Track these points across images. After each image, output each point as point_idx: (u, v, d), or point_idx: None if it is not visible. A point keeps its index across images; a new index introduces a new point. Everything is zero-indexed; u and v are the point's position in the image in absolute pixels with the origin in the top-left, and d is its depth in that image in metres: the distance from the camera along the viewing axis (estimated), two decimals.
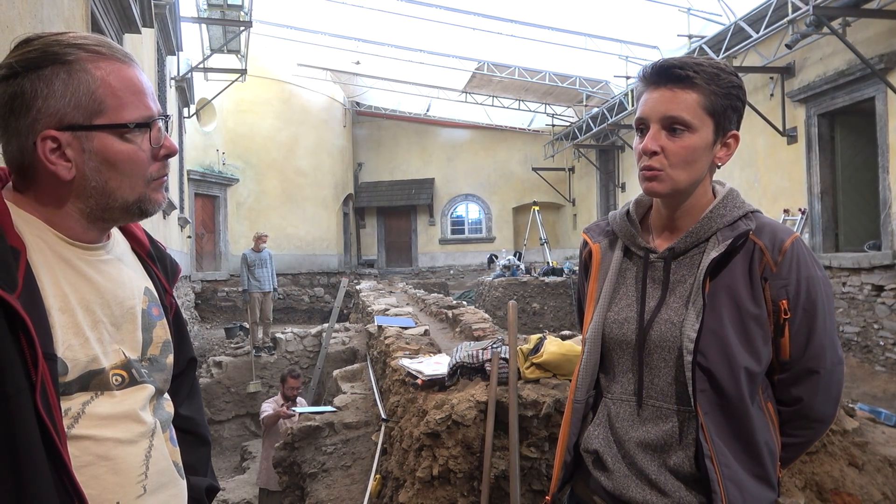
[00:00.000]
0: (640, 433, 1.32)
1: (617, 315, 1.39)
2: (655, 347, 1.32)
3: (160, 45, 9.31)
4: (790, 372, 1.31)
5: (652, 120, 1.29)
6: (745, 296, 1.26)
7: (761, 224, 1.31)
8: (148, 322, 1.09)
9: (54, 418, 0.87)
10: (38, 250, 0.94)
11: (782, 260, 1.26)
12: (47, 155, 0.94)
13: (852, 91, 8.19)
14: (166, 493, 1.04)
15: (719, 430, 1.25)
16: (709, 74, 1.25)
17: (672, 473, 1.29)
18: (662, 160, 1.28)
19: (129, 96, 0.98)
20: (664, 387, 1.31)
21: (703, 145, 1.27)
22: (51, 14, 3.56)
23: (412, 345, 4.53)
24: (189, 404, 1.27)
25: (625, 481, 1.32)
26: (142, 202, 1.03)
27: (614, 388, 1.39)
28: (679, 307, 1.31)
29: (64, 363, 0.92)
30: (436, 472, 2.79)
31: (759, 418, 1.28)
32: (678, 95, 1.26)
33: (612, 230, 1.48)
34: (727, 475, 1.23)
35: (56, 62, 0.94)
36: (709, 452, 1.22)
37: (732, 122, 1.30)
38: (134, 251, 1.17)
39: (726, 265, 1.28)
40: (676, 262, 1.35)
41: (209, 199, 16.00)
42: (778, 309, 1.26)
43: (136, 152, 1.00)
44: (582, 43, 12.89)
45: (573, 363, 2.94)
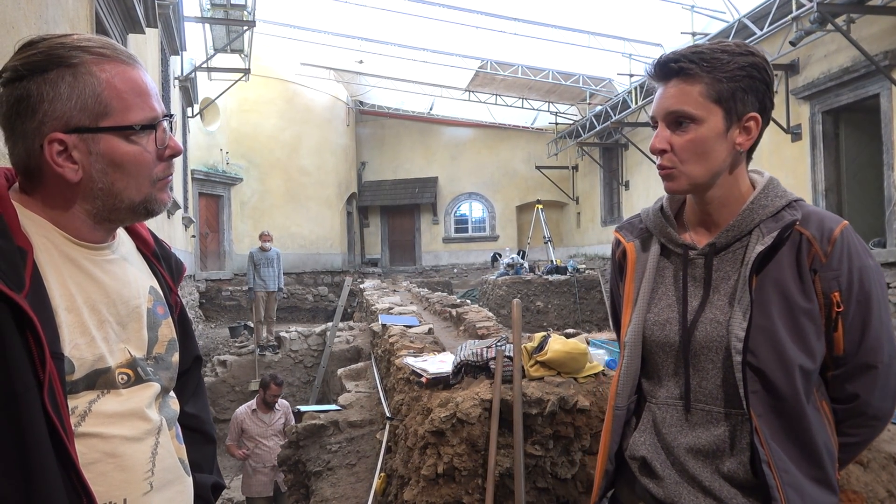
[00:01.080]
0: (690, 439, 1.27)
1: (657, 316, 1.34)
2: (702, 349, 1.27)
3: (164, 45, 9.33)
4: (845, 368, 1.25)
5: (658, 117, 1.27)
6: (794, 290, 1.20)
7: (807, 213, 1.24)
8: (153, 321, 1.10)
9: (62, 416, 0.87)
10: (44, 250, 0.95)
11: (832, 250, 1.19)
12: (54, 157, 0.95)
13: (857, 88, 8.16)
14: (172, 489, 1.05)
15: (774, 432, 1.20)
16: (711, 62, 1.21)
17: (726, 480, 1.23)
18: (672, 157, 1.25)
19: (133, 98, 0.99)
20: (713, 389, 1.26)
21: (712, 135, 1.22)
22: (55, 14, 3.58)
23: (416, 343, 4.53)
24: (195, 402, 1.28)
25: (677, 489, 1.28)
26: (148, 202, 1.04)
27: (659, 392, 1.34)
28: (724, 305, 1.25)
29: (71, 362, 0.93)
30: (440, 470, 2.79)
31: (816, 418, 1.22)
32: (681, 89, 1.23)
33: (646, 227, 1.42)
34: (786, 481, 1.17)
35: (61, 65, 0.94)
36: (765, 457, 1.17)
37: (748, 103, 1.22)
38: (139, 250, 1.17)
39: (772, 258, 1.22)
40: (718, 258, 1.29)
41: (213, 199, 16.04)
42: (830, 302, 1.20)
43: (141, 153, 1.00)
44: (585, 41, 12.87)
45: (578, 361, 2.94)
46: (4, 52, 2.74)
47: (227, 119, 16.30)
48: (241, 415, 6.44)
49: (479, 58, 14.92)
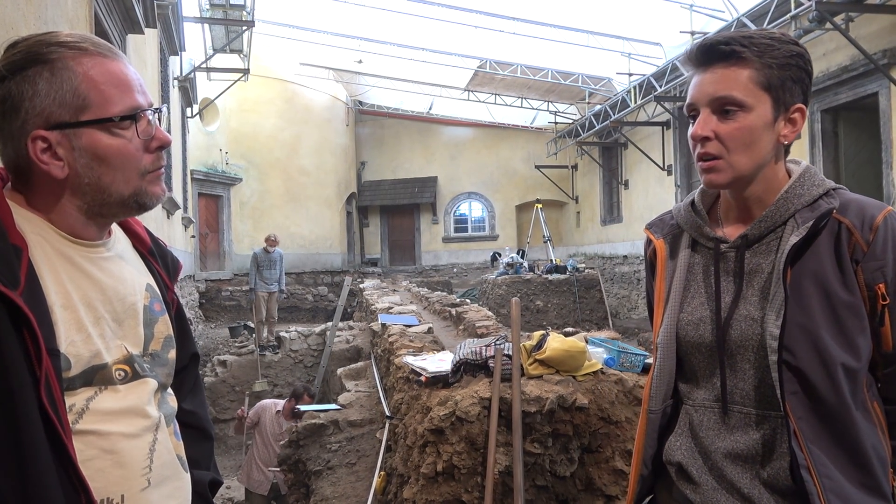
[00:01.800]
0: (728, 443, 1.21)
1: (691, 315, 1.28)
2: (737, 347, 1.20)
3: (163, 46, 9.33)
4: (895, 365, 1.17)
5: (701, 104, 1.19)
6: (834, 282, 1.13)
7: (846, 200, 1.17)
8: (150, 318, 1.10)
9: (59, 412, 0.87)
10: (39, 248, 0.95)
11: (874, 238, 1.12)
12: (39, 155, 0.95)
13: (856, 87, 8.17)
14: (170, 485, 1.05)
15: (816, 436, 1.13)
16: (761, 46, 1.14)
17: (766, 487, 1.17)
18: (718, 146, 1.16)
19: (112, 90, 0.98)
20: (749, 391, 1.19)
21: (761, 124, 1.15)
22: (55, 15, 3.58)
23: (416, 342, 4.54)
24: (192, 399, 1.28)
25: (714, 495, 1.22)
26: (138, 195, 1.03)
27: (696, 394, 1.29)
28: (758, 301, 1.19)
29: (67, 358, 0.93)
30: (440, 469, 2.80)
31: (864, 420, 1.14)
32: (728, 73, 1.15)
33: (677, 223, 1.36)
34: (829, 487, 1.10)
35: (38, 62, 0.94)
36: (805, 462, 1.10)
37: (795, 94, 1.17)
38: (135, 248, 1.17)
39: (809, 250, 1.15)
40: (751, 251, 1.22)
41: (213, 199, 16.04)
42: (874, 294, 1.12)
43: (125, 146, 0.99)
44: (584, 40, 12.88)
45: (576, 359, 2.95)
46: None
47: (226, 119, 16.31)
48: (267, 408, 6.50)
49: (478, 57, 14.93)
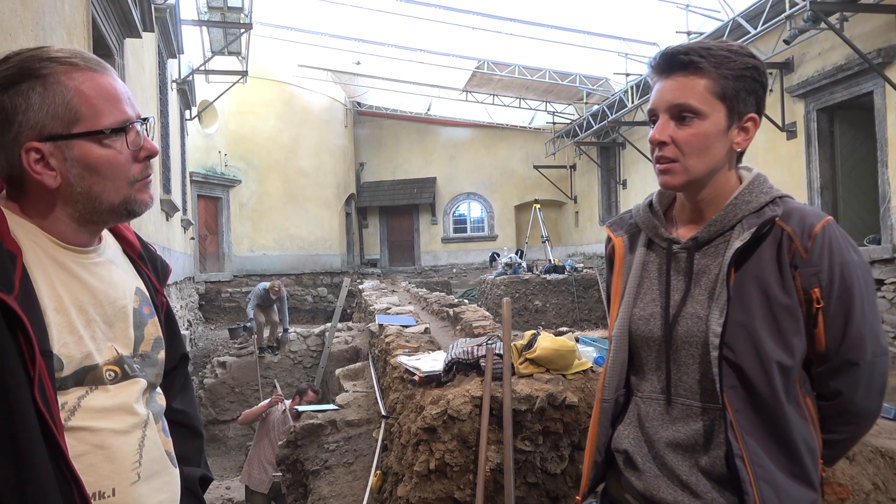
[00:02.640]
0: (670, 433, 1.28)
1: (642, 311, 1.35)
2: (682, 343, 1.27)
3: (161, 49, 9.37)
4: (828, 364, 1.24)
5: (660, 109, 1.25)
6: (774, 285, 1.20)
7: (789, 209, 1.24)
8: (139, 320, 1.14)
9: (52, 410, 0.92)
10: (33, 254, 0.99)
11: (812, 245, 1.19)
12: (32, 165, 0.99)
13: (851, 86, 8.20)
14: (159, 480, 1.09)
15: (751, 428, 1.20)
16: (718, 58, 1.21)
17: (704, 474, 1.24)
18: (675, 150, 1.23)
19: (102, 103, 1.02)
20: (692, 384, 1.26)
21: (715, 131, 1.22)
22: (52, 21, 3.62)
23: (412, 343, 4.58)
24: (182, 398, 1.32)
25: (656, 482, 1.29)
26: (127, 203, 1.07)
27: (644, 386, 1.35)
28: (704, 300, 1.25)
29: (60, 359, 0.97)
30: (433, 466, 2.84)
31: (796, 414, 1.22)
32: (686, 82, 1.22)
33: (635, 223, 1.43)
34: (760, 475, 1.17)
35: (31, 77, 0.98)
36: (739, 452, 1.18)
37: (749, 104, 1.23)
38: (125, 253, 1.21)
39: (753, 254, 1.22)
40: (700, 253, 1.29)
41: (212, 201, 16.09)
42: (810, 298, 1.19)
43: (115, 156, 1.04)
44: (581, 41, 12.91)
45: (566, 358, 2.99)
46: None
47: (225, 121, 16.36)
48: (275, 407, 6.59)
49: (475, 58, 14.96)
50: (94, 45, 4.84)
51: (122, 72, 5.94)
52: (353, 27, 14.09)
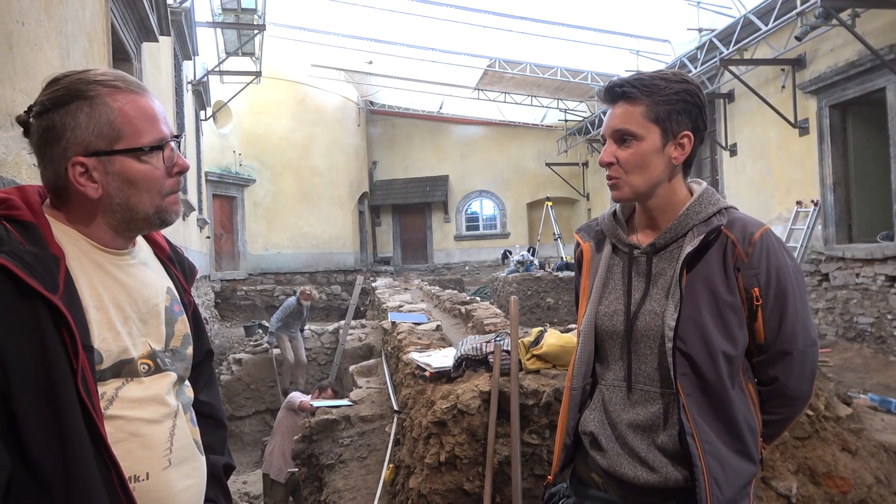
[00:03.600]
0: (631, 415, 1.45)
1: (607, 308, 1.51)
2: (641, 336, 1.44)
3: (177, 51, 9.53)
4: (766, 354, 1.42)
5: (606, 135, 1.45)
6: (720, 285, 1.37)
7: (733, 219, 1.42)
8: (170, 317, 1.24)
9: (93, 400, 1.01)
10: (74, 257, 1.09)
11: (752, 251, 1.37)
12: (77, 178, 1.09)
13: (863, 82, 8.18)
14: (188, 466, 1.19)
15: (700, 409, 1.36)
16: (650, 87, 1.39)
17: (660, 451, 1.40)
18: (618, 169, 1.42)
19: (143, 123, 1.13)
20: (650, 372, 1.43)
21: (651, 150, 1.40)
22: (74, 29, 3.75)
23: (424, 340, 4.67)
24: (207, 391, 1.42)
25: (618, 459, 1.44)
26: (160, 213, 1.18)
27: (607, 375, 1.51)
28: (661, 298, 1.42)
29: (99, 353, 1.07)
30: (443, 459, 2.93)
31: (739, 398, 1.39)
32: (625, 110, 1.41)
33: (601, 230, 1.60)
34: (708, 451, 1.33)
35: (80, 98, 1.09)
36: (690, 430, 1.34)
37: (682, 123, 1.41)
38: (156, 255, 1.32)
39: (702, 258, 1.39)
40: (658, 257, 1.46)
41: (227, 200, 16.28)
42: (751, 296, 1.37)
43: (152, 171, 1.14)
44: (593, 38, 12.93)
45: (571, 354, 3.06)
46: (30, 67, 2.90)
47: (239, 121, 16.53)
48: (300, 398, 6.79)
49: (487, 57, 15.01)
50: (113, 50, 4.96)
51: (139, 75, 6.08)
52: (366, 27, 14.19)
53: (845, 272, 8.56)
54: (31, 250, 1.01)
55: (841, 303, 8.58)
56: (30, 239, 1.03)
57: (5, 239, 1.00)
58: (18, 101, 2.75)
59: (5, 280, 0.96)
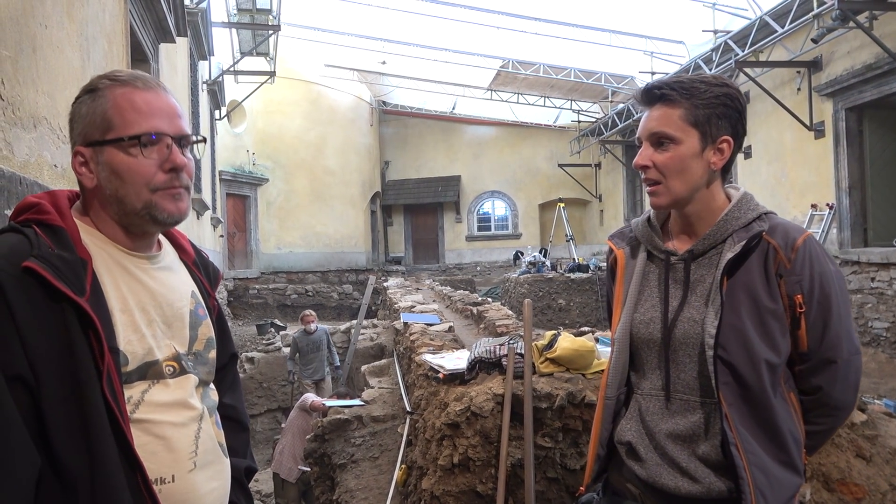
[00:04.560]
0: (670, 425, 1.41)
1: (643, 316, 1.48)
2: (680, 344, 1.40)
3: (192, 52, 9.60)
4: (809, 362, 1.38)
5: (643, 138, 1.42)
6: (761, 292, 1.34)
7: (774, 224, 1.38)
8: (194, 321, 1.26)
9: (119, 401, 1.03)
10: (101, 260, 1.12)
11: (795, 257, 1.33)
12: (77, 167, 1.14)
13: (881, 84, 8.11)
14: (213, 468, 1.21)
15: (743, 419, 1.33)
16: (690, 90, 1.36)
17: (701, 461, 1.37)
18: (656, 173, 1.39)
19: (132, 115, 1.14)
20: (690, 381, 1.40)
21: (690, 154, 1.37)
22: (94, 31, 3.80)
23: (436, 341, 4.68)
24: (231, 394, 1.44)
25: (658, 469, 1.41)
26: (149, 209, 1.15)
27: (644, 384, 1.48)
28: (700, 305, 1.39)
29: (125, 355, 1.09)
30: (456, 461, 2.94)
31: (782, 407, 1.35)
32: (663, 113, 1.38)
33: (635, 236, 1.57)
34: (753, 461, 1.30)
35: (88, 91, 1.15)
36: (734, 440, 1.30)
37: (722, 128, 1.37)
38: (181, 259, 1.34)
39: (743, 264, 1.36)
40: (696, 263, 1.43)
41: (240, 199, 16.39)
42: (794, 303, 1.34)
43: (136, 163, 1.13)
44: (607, 39, 12.90)
45: (585, 358, 3.07)
46: (52, 69, 2.95)
47: (253, 120, 16.64)
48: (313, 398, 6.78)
49: (500, 57, 15.02)
50: (132, 51, 5.02)
51: (156, 76, 6.13)
52: (379, 27, 14.25)
53: (860, 276, 8.49)
54: (60, 254, 1.03)
55: (856, 307, 8.51)
56: (58, 243, 1.05)
57: (34, 243, 1.02)
58: (41, 102, 2.79)
59: (34, 283, 0.98)
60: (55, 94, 2.97)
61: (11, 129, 2.48)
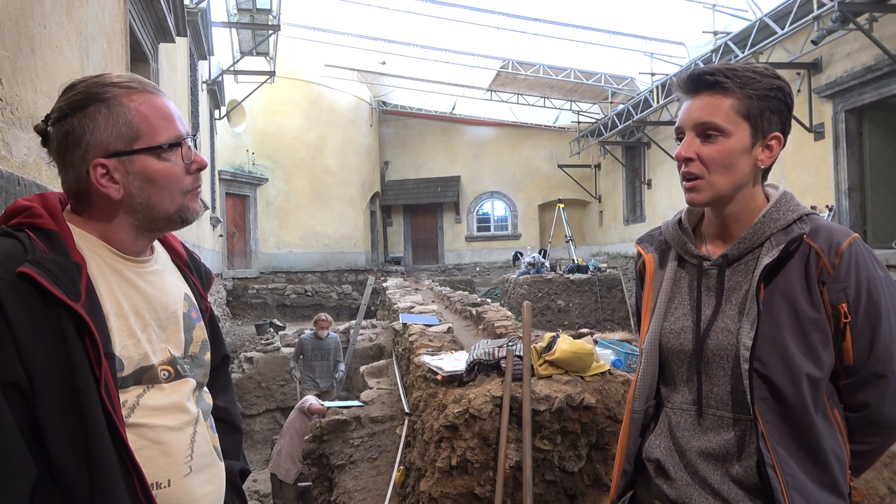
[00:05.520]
0: (702, 442, 1.31)
1: (673, 325, 1.38)
2: (713, 356, 1.30)
3: (192, 51, 9.60)
4: (856, 377, 1.26)
5: (686, 127, 1.29)
6: (802, 300, 1.23)
7: (817, 226, 1.27)
8: (188, 324, 1.25)
9: (115, 407, 1.02)
10: (95, 264, 1.11)
11: (840, 262, 1.22)
12: (99, 180, 1.11)
13: (881, 86, 8.11)
14: (208, 472, 1.20)
15: (782, 438, 1.22)
16: (743, 79, 1.25)
17: (735, 483, 1.27)
18: (700, 167, 1.27)
19: (160, 121, 1.14)
20: (723, 395, 1.29)
21: (739, 148, 1.25)
22: (94, 31, 3.79)
23: (435, 342, 4.67)
24: (223, 396, 1.43)
25: (688, 490, 1.31)
26: (181, 212, 1.19)
27: (674, 397, 1.39)
28: (735, 314, 1.29)
29: (121, 361, 1.08)
30: (454, 463, 2.94)
31: (825, 425, 1.24)
32: (711, 101, 1.26)
33: (665, 240, 1.46)
34: (791, 484, 1.20)
35: (97, 100, 1.10)
36: (770, 461, 1.20)
37: (773, 123, 1.27)
38: (174, 262, 1.33)
39: (782, 270, 1.25)
40: (731, 269, 1.33)
41: (240, 199, 16.39)
42: (838, 312, 1.22)
43: (171, 168, 1.15)
44: (607, 40, 12.90)
45: (584, 361, 3.07)
46: (51, 69, 2.95)
47: (253, 120, 16.63)
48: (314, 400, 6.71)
49: (500, 58, 15.02)
50: (131, 51, 5.02)
51: (155, 76, 6.13)
52: (379, 27, 14.25)
53: None
54: (54, 258, 1.02)
55: None
56: (52, 247, 1.04)
57: (28, 247, 1.01)
58: (40, 103, 2.79)
59: (29, 289, 0.97)
60: (54, 94, 2.95)
61: (10, 129, 2.47)
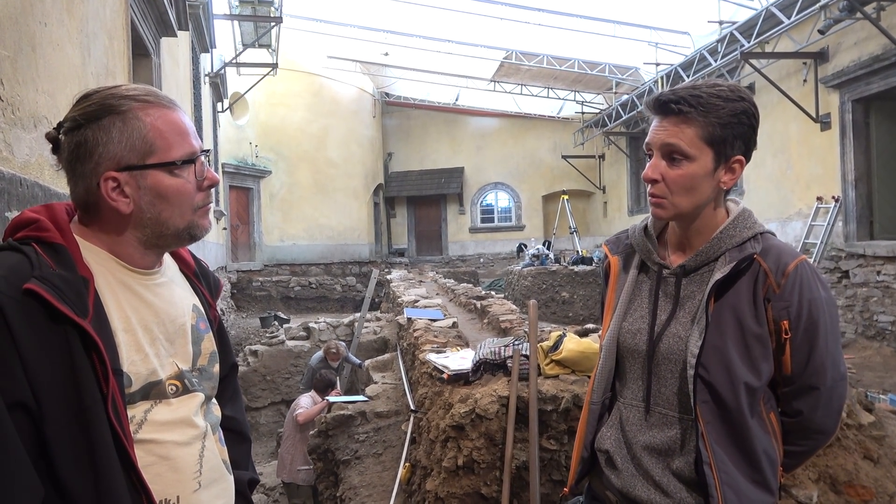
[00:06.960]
0: (647, 437, 1.42)
1: (631, 325, 1.48)
2: (663, 359, 1.41)
3: (194, 44, 9.56)
4: (792, 386, 1.37)
5: (654, 146, 1.37)
6: (748, 315, 1.33)
7: (768, 246, 1.36)
8: (197, 336, 1.24)
9: (123, 425, 1.01)
10: (102, 278, 1.09)
11: (785, 282, 1.31)
12: (109, 193, 1.09)
13: (888, 76, 8.02)
14: (218, 487, 1.19)
15: (719, 438, 1.33)
16: (707, 106, 1.30)
17: (675, 476, 1.38)
18: (663, 188, 1.35)
19: (174, 137, 1.13)
20: (670, 396, 1.40)
21: (702, 173, 1.33)
22: (95, 27, 3.76)
23: (440, 338, 4.66)
24: (232, 405, 1.42)
25: (632, 481, 1.43)
26: (191, 228, 1.17)
27: (626, 393, 1.50)
28: (687, 322, 1.38)
29: (129, 377, 1.07)
30: (460, 462, 2.93)
31: (759, 428, 1.35)
32: (677, 126, 1.33)
33: (631, 244, 1.55)
34: (725, 480, 1.31)
35: (112, 113, 1.08)
36: (708, 459, 1.31)
37: (736, 147, 1.33)
38: (182, 271, 1.31)
39: (733, 286, 1.34)
40: (687, 279, 1.42)
41: (243, 191, 16.38)
42: (780, 328, 1.32)
43: (183, 185, 1.14)
44: (611, 30, 12.81)
45: (591, 360, 3.05)
46: (52, 67, 2.92)
47: (255, 113, 16.59)
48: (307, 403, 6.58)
49: (504, 48, 14.93)
50: (133, 46, 4.99)
51: (157, 70, 6.10)
52: (382, 18, 14.18)
53: (866, 269, 8.45)
54: (61, 274, 1.00)
55: (861, 300, 8.47)
56: (59, 262, 1.02)
57: (35, 263, 0.99)
58: (41, 102, 2.77)
59: (35, 305, 0.95)
60: (55, 92, 2.95)
61: (11, 129, 2.45)
